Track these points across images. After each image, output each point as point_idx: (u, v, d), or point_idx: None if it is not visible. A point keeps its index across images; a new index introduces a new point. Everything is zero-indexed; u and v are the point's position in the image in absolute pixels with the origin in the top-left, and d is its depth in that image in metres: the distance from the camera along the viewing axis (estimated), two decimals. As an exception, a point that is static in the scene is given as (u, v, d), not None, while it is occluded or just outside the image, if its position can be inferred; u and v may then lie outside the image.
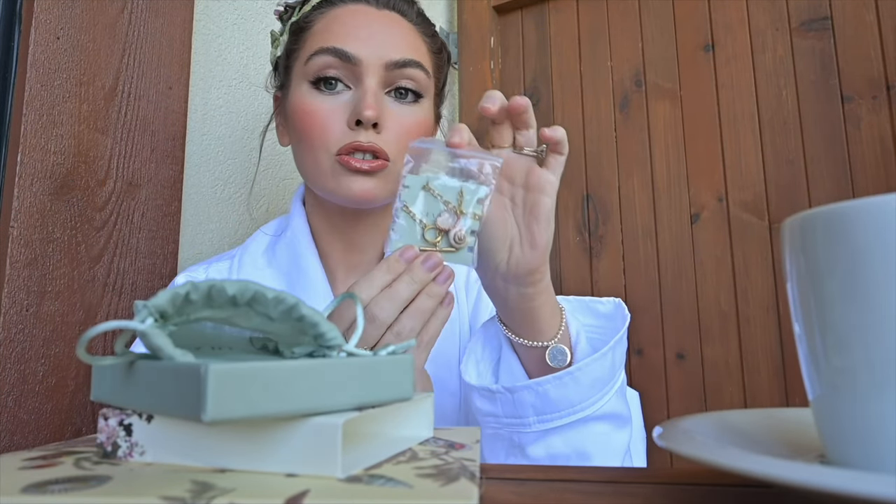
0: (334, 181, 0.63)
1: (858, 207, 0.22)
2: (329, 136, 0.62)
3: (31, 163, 0.67)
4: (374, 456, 0.28)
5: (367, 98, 0.61)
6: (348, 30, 0.64)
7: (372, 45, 0.63)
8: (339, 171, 0.62)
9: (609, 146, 1.26)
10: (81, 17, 0.73)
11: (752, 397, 1.06)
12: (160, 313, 0.27)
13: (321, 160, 0.63)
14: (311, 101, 0.63)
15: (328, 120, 0.62)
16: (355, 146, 0.61)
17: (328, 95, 0.63)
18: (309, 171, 0.65)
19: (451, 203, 0.47)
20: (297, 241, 0.69)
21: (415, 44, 0.67)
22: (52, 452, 0.30)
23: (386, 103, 0.64)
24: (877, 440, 0.22)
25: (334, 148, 0.62)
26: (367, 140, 0.61)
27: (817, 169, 1.06)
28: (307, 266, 0.67)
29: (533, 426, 0.52)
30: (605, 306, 0.60)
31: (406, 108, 0.65)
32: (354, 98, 0.63)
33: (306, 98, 0.64)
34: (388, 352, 0.33)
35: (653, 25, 1.24)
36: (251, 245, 0.73)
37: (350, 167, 0.61)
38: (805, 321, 0.25)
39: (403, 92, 0.65)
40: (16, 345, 0.65)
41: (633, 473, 0.31)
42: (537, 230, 0.50)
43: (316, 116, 0.63)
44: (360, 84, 0.63)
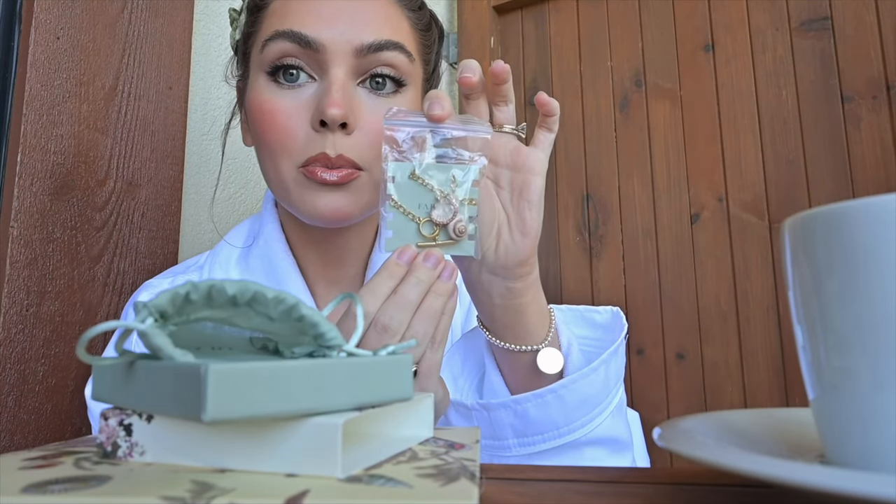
0: (298, 195, 0.53)
1: (858, 207, 0.22)
2: (291, 143, 0.52)
3: (31, 163, 0.67)
4: (374, 456, 0.28)
5: (333, 93, 0.51)
6: (308, 8, 0.53)
7: (339, 25, 0.52)
8: (302, 182, 0.53)
9: (609, 146, 1.26)
10: (81, 17, 0.73)
11: (752, 397, 1.06)
12: (160, 313, 0.27)
13: (283, 170, 0.53)
14: (269, 98, 0.53)
15: (289, 121, 0.52)
16: (320, 159, 0.51)
17: (289, 90, 0.53)
18: (272, 182, 0.56)
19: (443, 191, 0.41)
20: (272, 251, 0.61)
21: (394, 20, 0.55)
22: (52, 452, 0.30)
23: (358, 96, 0.53)
24: (877, 440, 0.22)
25: (298, 158, 0.52)
26: (335, 151, 0.51)
27: (817, 169, 1.06)
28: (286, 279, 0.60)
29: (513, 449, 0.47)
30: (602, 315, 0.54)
31: (383, 101, 0.54)
32: (319, 92, 0.52)
33: (264, 93, 0.54)
34: (388, 352, 0.33)
35: (653, 25, 1.24)
36: (220, 255, 0.64)
37: (315, 177, 0.52)
38: (805, 321, 0.25)
39: (380, 81, 0.54)
40: (16, 345, 0.65)
41: (633, 473, 0.31)
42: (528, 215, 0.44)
43: (276, 117, 0.52)
44: (325, 75, 0.53)
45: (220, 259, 0.64)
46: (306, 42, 0.52)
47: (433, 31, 0.61)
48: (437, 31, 0.63)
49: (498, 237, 0.45)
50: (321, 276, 0.62)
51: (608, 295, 1.21)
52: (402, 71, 0.55)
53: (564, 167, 1.30)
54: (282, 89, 0.53)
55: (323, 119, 0.51)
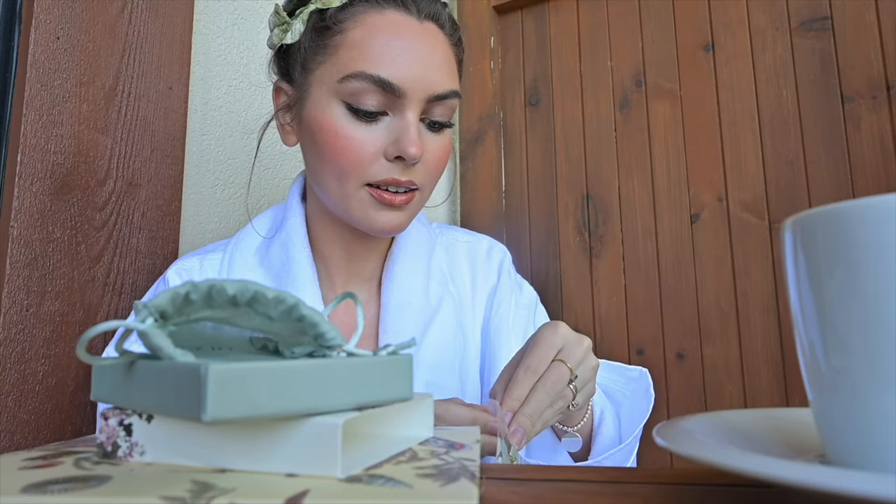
0: (361, 211, 0.60)
1: (858, 207, 0.22)
2: (364, 168, 0.59)
3: (31, 163, 0.67)
4: (374, 456, 0.28)
5: (412, 134, 0.58)
6: (391, 52, 0.58)
7: (416, 73, 0.58)
8: (367, 201, 0.60)
9: (609, 146, 1.26)
10: (81, 17, 0.73)
11: (752, 397, 1.06)
12: (160, 313, 0.27)
13: (349, 188, 0.60)
14: (344, 125, 0.58)
15: (363, 150, 0.58)
16: (391, 182, 0.59)
17: (365, 123, 0.59)
18: (331, 194, 0.61)
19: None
20: (291, 243, 0.66)
21: (452, 66, 0.62)
22: (52, 452, 0.30)
23: (423, 134, 0.61)
24: (877, 440, 0.22)
25: (366, 179, 0.59)
26: (406, 177, 0.59)
27: (817, 169, 1.06)
28: (298, 271, 0.65)
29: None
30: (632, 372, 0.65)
31: (437, 137, 0.62)
32: (393, 128, 0.59)
33: (340, 120, 0.59)
34: (389, 352, 0.33)
35: (653, 25, 1.24)
36: (243, 241, 0.69)
37: (382, 200, 0.59)
38: (805, 321, 0.25)
39: (438, 124, 0.62)
40: (16, 345, 0.65)
41: (633, 473, 0.31)
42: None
43: (352, 142, 0.58)
44: (399, 114, 0.59)
45: (242, 246, 0.69)
46: (391, 88, 0.57)
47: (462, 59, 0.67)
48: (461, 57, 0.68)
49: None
50: (343, 269, 0.68)
51: (608, 295, 1.21)
52: (452, 113, 0.63)
53: (564, 167, 1.30)
54: (359, 120, 0.59)
55: (401, 155, 0.58)
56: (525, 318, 0.72)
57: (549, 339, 0.50)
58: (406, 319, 0.65)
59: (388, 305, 0.66)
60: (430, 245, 0.72)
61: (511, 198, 1.35)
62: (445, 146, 0.63)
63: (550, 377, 0.49)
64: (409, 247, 0.69)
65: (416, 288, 0.67)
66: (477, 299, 0.72)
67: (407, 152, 0.57)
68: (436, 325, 0.66)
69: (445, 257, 0.73)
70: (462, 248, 0.75)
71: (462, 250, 0.75)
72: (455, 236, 0.76)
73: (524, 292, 0.75)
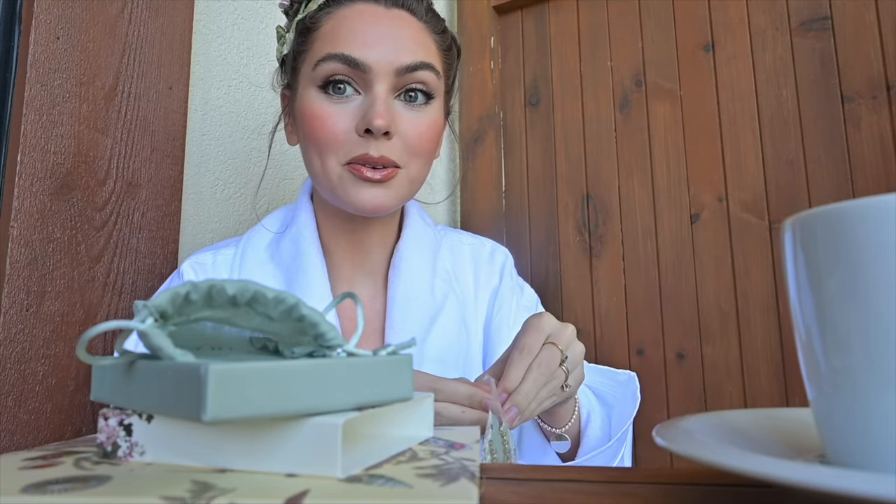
0: (343, 190, 0.62)
1: (858, 207, 0.22)
2: (338, 144, 0.61)
3: (31, 163, 0.67)
4: (374, 456, 0.28)
5: (377, 106, 0.60)
6: (356, 34, 0.62)
7: (381, 49, 0.61)
8: (348, 179, 0.62)
9: (609, 146, 1.26)
10: (81, 17, 0.73)
11: (752, 397, 1.06)
12: (160, 313, 0.27)
13: (329, 167, 0.62)
14: (319, 105, 0.62)
15: (337, 125, 0.61)
16: (365, 158, 0.61)
17: (337, 101, 0.62)
18: (317, 176, 0.65)
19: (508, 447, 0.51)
20: (301, 237, 0.69)
21: (425, 44, 0.65)
22: (52, 452, 0.30)
23: (396, 108, 0.63)
24: (877, 440, 0.22)
25: (344, 157, 0.62)
26: (378, 153, 0.60)
27: (817, 169, 1.06)
28: (308, 265, 0.67)
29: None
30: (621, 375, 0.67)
31: (417, 112, 0.64)
32: (364, 104, 0.62)
33: (315, 102, 0.63)
34: (389, 352, 0.33)
35: (653, 25, 1.24)
36: (254, 238, 0.72)
37: (361, 175, 0.61)
38: (805, 321, 0.25)
39: (413, 95, 0.64)
40: (16, 345, 0.65)
41: (633, 473, 0.31)
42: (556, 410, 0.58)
43: (325, 121, 0.62)
44: (369, 90, 0.62)
45: (254, 241, 0.71)
46: (355, 63, 0.61)
47: (453, 51, 0.70)
48: (456, 49, 0.72)
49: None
50: (348, 261, 0.71)
51: (608, 295, 1.21)
52: (431, 86, 0.64)
53: (564, 167, 1.30)
54: (331, 100, 0.62)
55: (368, 128, 0.60)
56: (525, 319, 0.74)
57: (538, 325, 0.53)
58: (412, 314, 0.67)
59: (395, 300, 0.67)
60: (435, 244, 0.74)
61: (511, 198, 1.35)
62: (427, 122, 0.64)
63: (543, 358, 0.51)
64: (415, 243, 0.71)
65: (422, 284, 0.69)
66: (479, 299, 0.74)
67: (372, 123, 0.59)
68: (441, 322, 0.68)
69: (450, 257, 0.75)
70: (466, 250, 0.77)
71: (466, 252, 0.77)
72: (459, 238, 0.79)
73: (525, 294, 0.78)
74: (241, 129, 0.98)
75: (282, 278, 0.68)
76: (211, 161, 0.93)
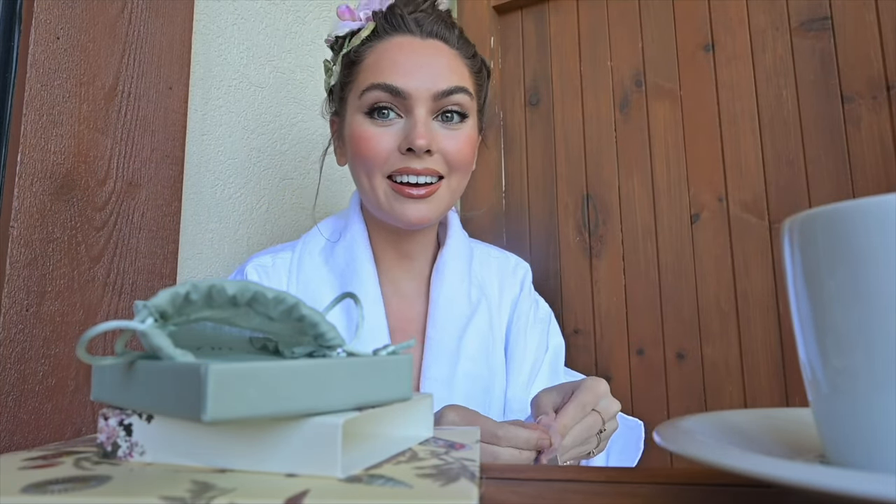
0: (388, 205, 0.69)
1: (858, 207, 0.22)
2: (382, 160, 0.68)
3: (31, 163, 0.67)
4: (374, 456, 0.28)
5: (419, 128, 0.67)
6: (397, 65, 0.68)
7: (419, 77, 0.68)
8: (392, 196, 0.69)
9: (609, 146, 1.26)
10: (81, 17, 0.73)
11: (752, 397, 1.06)
12: (160, 313, 0.27)
13: (375, 183, 0.69)
14: (365, 129, 0.69)
15: (381, 144, 0.68)
16: (408, 170, 0.67)
17: (381, 125, 0.69)
18: (365, 192, 0.71)
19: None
20: (356, 245, 0.75)
21: (458, 69, 0.71)
22: (52, 452, 0.30)
23: (435, 129, 0.69)
24: (877, 440, 0.22)
25: (387, 170, 0.68)
26: (422, 165, 0.67)
27: (817, 169, 1.06)
28: (361, 269, 0.73)
29: None
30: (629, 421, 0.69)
31: (453, 131, 0.70)
32: (406, 127, 0.68)
33: (362, 126, 0.69)
34: (389, 352, 0.33)
35: (653, 25, 1.24)
36: (310, 243, 0.78)
37: (403, 194, 0.68)
38: (805, 321, 0.25)
39: (450, 115, 0.70)
40: (16, 345, 0.65)
41: (633, 473, 0.31)
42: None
43: (371, 142, 0.68)
44: (410, 114, 0.68)
45: (310, 247, 0.78)
46: (396, 91, 0.68)
47: (483, 72, 0.77)
48: (486, 71, 0.78)
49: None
50: (396, 267, 0.77)
51: (608, 295, 1.21)
52: (466, 107, 0.71)
53: (564, 167, 1.30)
54: (375, 124, 0.69)
55: (411, 147, 0.66)
56: (539, 331, 0.81)
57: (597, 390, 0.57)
58: (451, 314, 0.74)
59: (437, 301, 0.75)
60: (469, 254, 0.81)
61: (511, 198, 1.35)
62: (463, 138, 0.71)
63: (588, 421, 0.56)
64: (455, 252, 0.79)
65: (460, 289, 0.77)
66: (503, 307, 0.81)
67: (414, 143, 0.66)
68: (474, 323, 0.76)
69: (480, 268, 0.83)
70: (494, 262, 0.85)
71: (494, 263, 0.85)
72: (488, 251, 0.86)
73: (540, 308, 0.85)
74: (241, 129, 0.98)
75: (336, 282, 0.75)
76: (211, 161, 0.93)
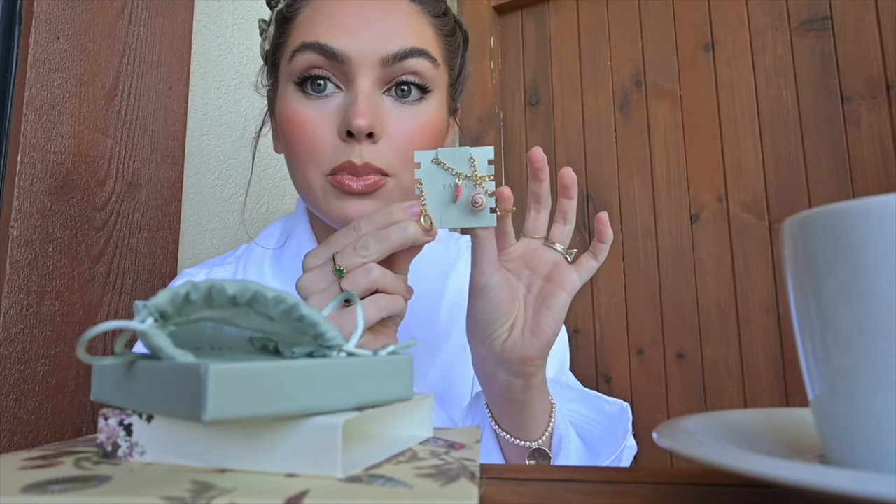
0: (326, 203, 0.54)
1: (858, 207, 0.22)
2: (319, 153, 0.53)
3: (31, 163, 0.67)
4: (374, 456, 0.28)
5: (359, 104, 0.52)
6: (334, 20, 0.54)
7: (364, 37, 0.53)
8: (331, 192, 0.54)
9: (609, 146, 1.26)
10: (81, 17, 0.73)
11: (752, 397, 1.06)
12: (160, 313, 0.27)
13: (311, 179, 0.55)
14: (296, 108, 0.55)
15: (316, 131, 0.53)
16: (346, 167, 0.52)
17: (316, 100, 0.54)
18: (300, 187, 0.57)
19: (462, 173, 0.45)
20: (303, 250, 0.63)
21: (418, 28, 0.56)
22: (52, 452, 0.30)
23: (384, 105, 0.54)
24: (877, 440, 0.22)
25: (326, 167, 0.53)
26: (361, 160, 0.52)
27: (817, 169, 1.06)
28: None
29: None
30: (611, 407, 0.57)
31: (409, 109, 0.55)
32: (345, 102, 0.54)
33: (292, 103, 0.55)
34: (388, 352, 0.33)
35: (653, 25, 1.24)
36: (255, 251, 0.67)
37: (343, 188, 0.53)
38: (805, 321, 0.25)
39: (405, 89, 0.55)
40: (16, 345, 0.65)
41: (633, 473, 0.31)
42: (544, 320, 0.46)
43: (303, 127, 0.54)
44: (351, 85, 0.54)
45: (255, 256, 0.66)
46: (332, 54, 0.53)
47: (457, 36, 0.61)
48: (462, 35, 0.63)
49: (511, 330, 0.46)
50: None
51: (608, 295, 1.21)
52: (427, 77, 0.55)
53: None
54: (309, 99, 0.54)
55: (349, 129, 0.52)
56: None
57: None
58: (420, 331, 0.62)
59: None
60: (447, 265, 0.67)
61: (511, 198, 1.35)
62: (422, 121, 0.55)
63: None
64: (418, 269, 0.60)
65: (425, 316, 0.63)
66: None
67: (352, 124, 0.51)
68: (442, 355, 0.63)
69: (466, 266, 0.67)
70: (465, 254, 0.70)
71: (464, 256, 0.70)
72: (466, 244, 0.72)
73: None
74: (241, 129, 0.98)
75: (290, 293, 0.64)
76: (211, 161, 0.93)
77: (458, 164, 0.46)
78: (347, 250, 0.44)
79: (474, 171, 0.45)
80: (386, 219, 0.45)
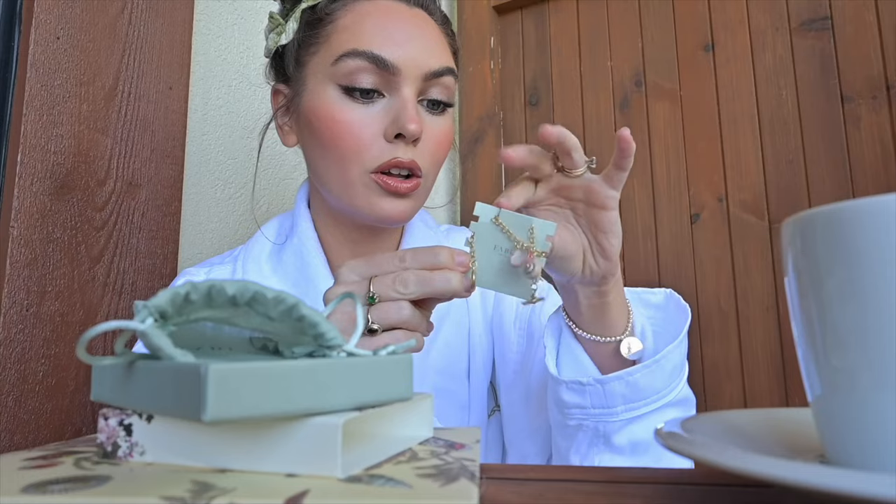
0: (366, 200, 0.58)
1: (858, 207, 0.22)
2: (364, 151, 0.57)
3: (31, 163, 0.67)
4: (374, 456, 0.28)
5: (410, 111, 0.57)
6: (384, 32, 0.58)
7: (410, 49, 0.58)
8: (373, 189, 0.58)
9: (609, 146, 1.25)
10: (81, 17, 0.73)
11: (752, 397, 1.06)
12: (160, 313, 0.27)
13: (352, 175, 0.58)
14: (342, 109, 0.58)
15: (362, 131, 0.57)
16: (395, 163, 0.57)
17: (360, 103, 0.58)
18: (334, 184, 0.60)
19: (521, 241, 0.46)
20: (305, 249, 0.65)
21: (444, 48, 0.62)
22: (52, 452, 0.30)
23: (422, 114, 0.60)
24: (877, 440, 0.22)
25: (371, 164, 0.57)
26: (408, 157, 0.57)
27: (817, 169, 1.06)
28: (315, 276, 0.64)
29: (620, 415, 0.53)
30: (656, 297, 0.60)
31: (438, 119, 0.61)
32: (391, 108, 0.58)
33: (336, 104, 0.58)
34: (388, 352, 0.33)
35: (653, 25, 1.24)
36: (254, 249, 0.68)
37: (388, 188, 0.57)
38: (805, 321, 0.25)
39: (436, 103, 0.61)
40: (16, 345, 0.65)
41: (633, 473, 0.31)
42: (606, 242, 0.49)
43: (350, 127, 0.57)
44: (395, 93, 0.58)
45: (254, 253, 0.68)
46: (385, 65, 0.57)
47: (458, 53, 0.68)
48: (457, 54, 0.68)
49: (584, 260, 0.50)
50: None
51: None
52: (451, 92, 0.62)
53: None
54: (355, 102, 0.58)
55: (400, 132, 0.57)
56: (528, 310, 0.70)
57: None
58: None
59: None
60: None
61: (511, 198, 1.35)
62: (446, 130, 0.62)
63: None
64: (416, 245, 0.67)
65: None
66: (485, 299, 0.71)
67: (406, 128, 0.56)
68: (443, 332, 0.66)
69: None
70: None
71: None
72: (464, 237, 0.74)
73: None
74: (241, 129, 0.98)
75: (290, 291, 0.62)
76: (211, 161, 0.93)
77: (517, 230, 0.46)
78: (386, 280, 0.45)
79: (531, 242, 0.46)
80: (431, 259, 0.45)
